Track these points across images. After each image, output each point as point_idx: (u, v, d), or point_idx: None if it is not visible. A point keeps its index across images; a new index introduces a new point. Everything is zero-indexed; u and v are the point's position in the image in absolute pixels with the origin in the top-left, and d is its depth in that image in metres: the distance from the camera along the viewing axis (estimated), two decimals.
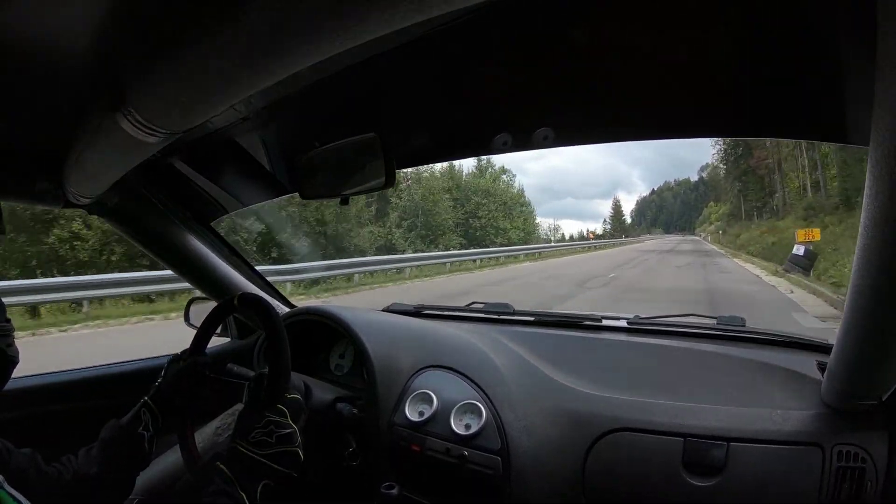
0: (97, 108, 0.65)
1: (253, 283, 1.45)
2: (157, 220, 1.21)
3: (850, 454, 0.74)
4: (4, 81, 0.65)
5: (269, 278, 1.56)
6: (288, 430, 0.77)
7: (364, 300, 8.44)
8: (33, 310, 7.16)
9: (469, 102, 0.90)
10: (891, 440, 0.74)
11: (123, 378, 1.32)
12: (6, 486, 0.65)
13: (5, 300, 0.74)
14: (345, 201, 1.00)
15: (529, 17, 0.68)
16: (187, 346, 0.99)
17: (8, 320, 0.74)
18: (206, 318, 0.99)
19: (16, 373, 0.75)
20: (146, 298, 8.26)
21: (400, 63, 0.78)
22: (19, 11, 0.51)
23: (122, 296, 7.85)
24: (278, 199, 1.28)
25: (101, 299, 7.70)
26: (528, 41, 0.73)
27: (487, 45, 0.74)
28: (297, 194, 1.09)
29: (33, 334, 5.96)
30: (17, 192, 0.96)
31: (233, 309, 0.97)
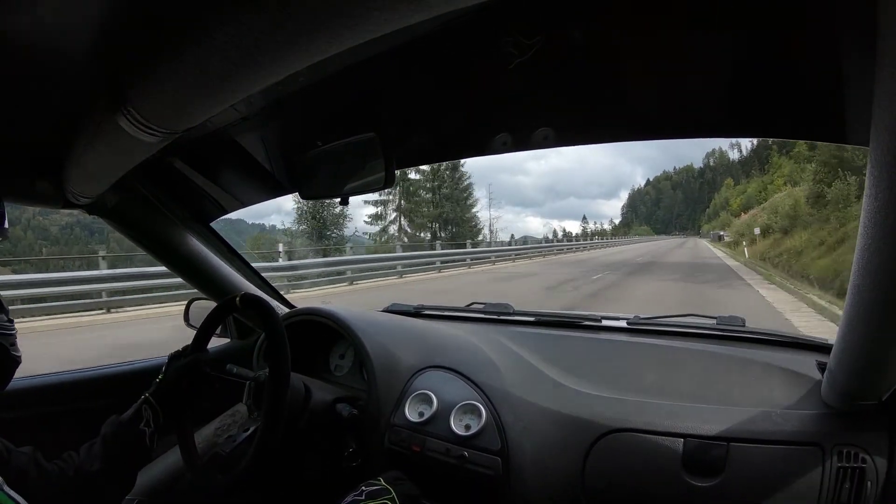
0: (97, 107, 0.65)
1: (252, 283, 1.45)
2: (157, 219, 1.21)
3: (851, 454, 0.74)
4: (4, 81, 0.65)
5: (264, 274, 1.56)
6: None
7: None
8: None
9: (469, 102, 0.90)
10: (891, 441, 0.74)
11: (124, 378, 1.31)
12: (5, 487, 0.65)
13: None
14: (344, 201, 1.00)
15: (529, 17, 0.68)
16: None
17: (11, 321, 0.74)
18: (207, 316, 0.99)
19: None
20: None
21: (400, 63, 0.78)
22: (19, 11, 0.50)
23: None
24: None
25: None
26: (527, 41, 0.73)
27: (487, 45, 0.74)
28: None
29: None
30: (17, 192, 0.96)
31: (234, 309, 0.97)
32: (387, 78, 0.83)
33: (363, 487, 0.87)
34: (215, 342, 1.35)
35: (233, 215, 1.37)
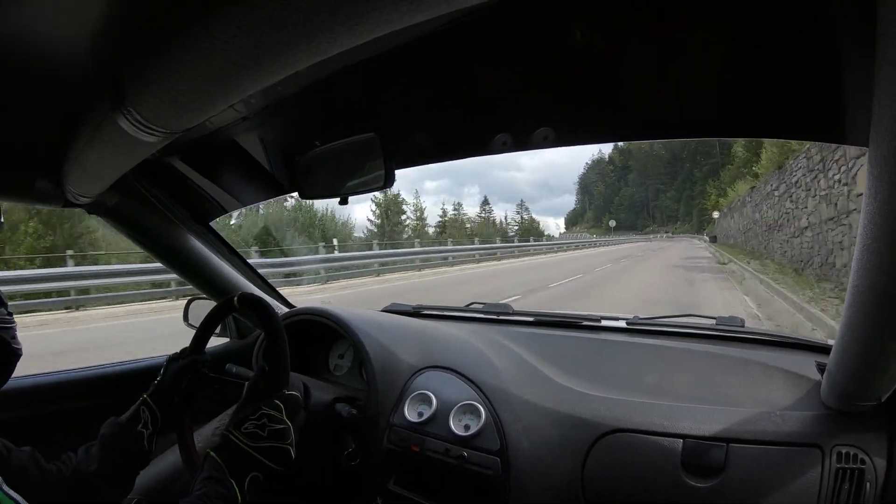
0: (97, 107, 0.65)
1: (252, 283, 1.45)
2: (157, 219, 1.21)
3: (850, 455, 0.74)
4: (4, 81, 0.64)
5: (260, 271, 1.56)
6: (281, 426, 0.77)
7: None
8: None
9: (469, 102, 0.90)
10: (890, 441, 0.74)
11: (124, 377, 1.31)
12: (5, 487, 0.64)
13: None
14: (344, 201, 1.00)
15: (529, 17, 0.68)
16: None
17: (10, 313, 0.74)
18: (206, 317, 0.99)
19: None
20: None
21: (400, 63, 0.78)
22: (19, 11, 0.50)
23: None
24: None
25: None
26: (527, 41, 0.73)
27: (487, 45, 0.74)
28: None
29: None
30: (16, 192, 0.96)
31: (232, 309, 0.97)
32: (387, 78, 0.83)
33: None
34: (215, 341, 1.35)
35: None
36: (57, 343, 5.24)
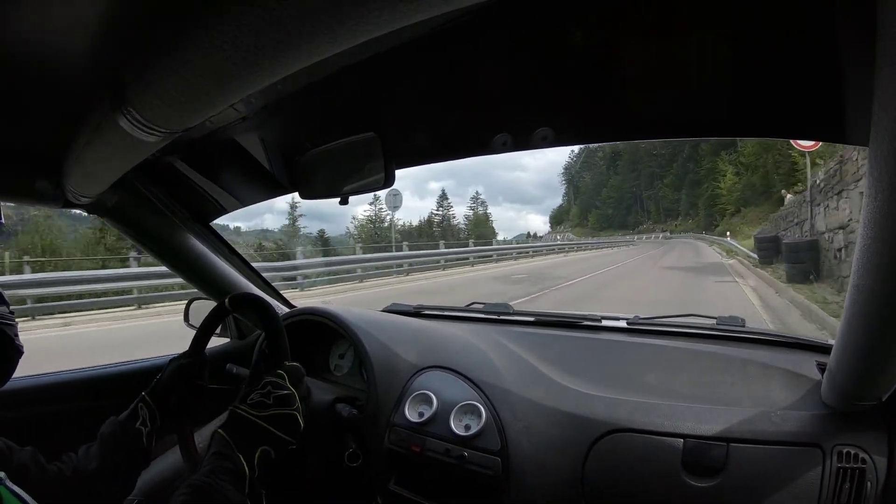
0: (97, 107, 0.65)
1: (252, 283, 1.45)
2: (157, 219, 1.21)
3: (850, 455, 0.74)
4: (4, 81, 0.65)
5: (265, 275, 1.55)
6: (285, 392, 0.77)
7: None
8: None
9: (468, 102, 0.90)
10: (891, 441, 0.74)
11: (124, 378, 1.31)
12: (7, 482, 0.65)
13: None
14: (344, 201, 1.00)
15: (529, 17, 0.68)
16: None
17: (11, 312, 0.74)
18: (204, 320, 0.99)
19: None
20: None
21: (399, 63, 0.78)
22: (19, 11, 0.51)
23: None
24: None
25: None
26: (527, 41, 0.73)
27: (487, 45, 0.74)
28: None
29: None
30: (16, 192, 0.96)
31: (226, 311, 0.97)
32: (387, 78, 0.83)
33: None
34: (216, 341, 1.35)
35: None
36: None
